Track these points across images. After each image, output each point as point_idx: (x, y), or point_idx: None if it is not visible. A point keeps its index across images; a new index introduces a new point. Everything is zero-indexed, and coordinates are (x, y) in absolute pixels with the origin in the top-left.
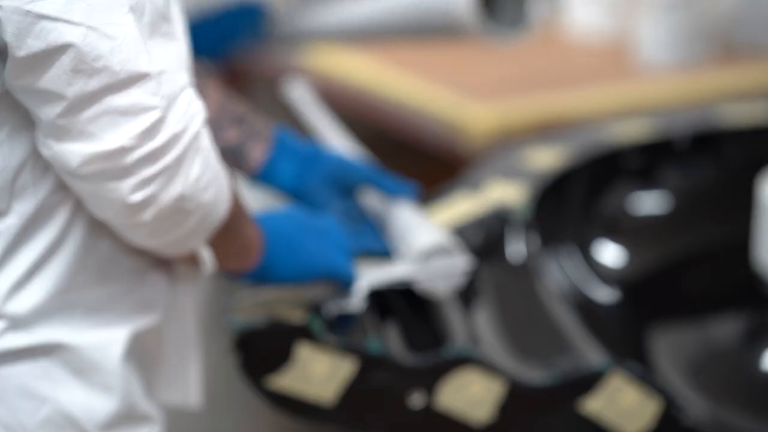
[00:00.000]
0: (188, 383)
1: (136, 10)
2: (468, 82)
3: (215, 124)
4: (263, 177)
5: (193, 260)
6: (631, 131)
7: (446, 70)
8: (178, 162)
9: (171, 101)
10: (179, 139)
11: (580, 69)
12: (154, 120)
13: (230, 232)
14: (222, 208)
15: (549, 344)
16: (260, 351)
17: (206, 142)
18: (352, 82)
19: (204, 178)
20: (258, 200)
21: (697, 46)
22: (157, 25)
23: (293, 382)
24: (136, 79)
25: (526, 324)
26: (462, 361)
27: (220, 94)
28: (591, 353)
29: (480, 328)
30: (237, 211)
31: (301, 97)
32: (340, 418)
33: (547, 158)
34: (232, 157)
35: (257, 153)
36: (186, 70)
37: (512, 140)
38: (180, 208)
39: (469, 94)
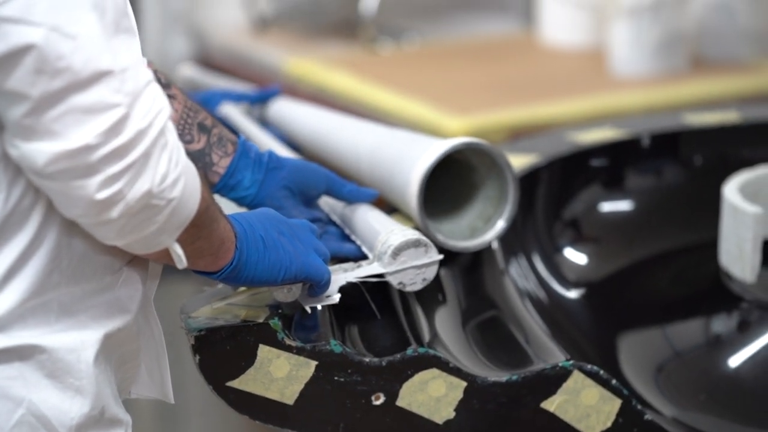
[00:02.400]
0: (164, 378)
1: (98, 9)
2: (444, 96)
3: (181, 131)
4: (226, 185)
5: (166, 258)
6: (599, 136)
7: (423, 85)
8: (145, 158)
9: (135, 98)
10: (145, 135)
11: (555, 82)
12: (118, 117)
13: (202, 229)
14: (192, 205)
15: (512, 344)
16: (220, 352)
17: (173, 137)
18: (332, 95)
19: (171, 174)
20: (226, 208)
21: (668, 58)
22: (119, 22)
23: (253, 383)
24: (98, 77)
25: (489, 324)
26: (423, 360)
27: (185, 102)
28: (554, 353)
29: (443, 327)
30: (208, 208)
31: (232, 113)
32: (301, 419)
33: (516, 163)
34: (197, 164)
35: (222, 160)
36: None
37: None
38: (148, 204)
39: (445, 108)
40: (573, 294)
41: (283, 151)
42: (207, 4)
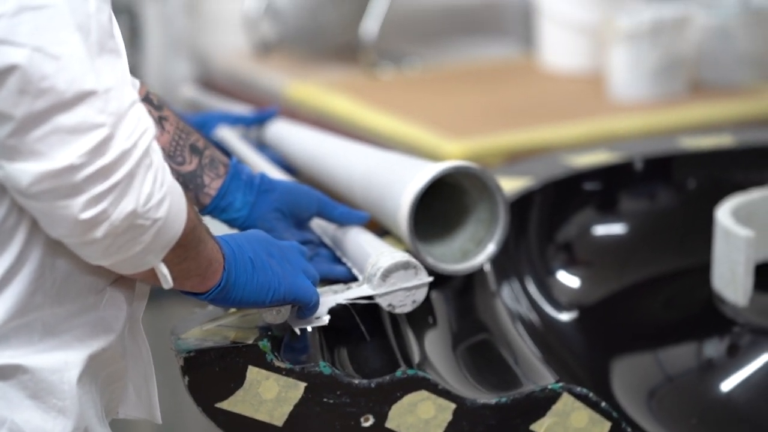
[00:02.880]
0: (151, 398)
1: (82, 29)
2: (443, 120)
3: (173, 152)
4: (218, 206)
5: (153, 278)
6: (593, 160)
7: (423, 109)
8: (129, 178)
9: (119, 118)
10: (129, 156)
11: (554, 106)
12: (102, 137)
13: (189, 250)
14: (178, 225)
15: (503, 367)
16: (209, 374)
17: (158, 158)
18: (332, 119)
19: (157, 194)
20: (216, 230)
21: (666, 82)
22: (104, 43)
23: (243, 404)
24: (82, 97)
25: (480, 346)
26: (412, 382)
27: (177, 124)
28: (544, 375)
29: (433, 350)
30: (195, 228)
31: (228, 136)
32: None
33: (510, 186)
34: (188, 185)
35: (213, 182)
36: (131, 85)
37: None
38: (133, 224)
39: (443, 132)
40: (565, 317)
41: (277, 174)
42: (209, 28)
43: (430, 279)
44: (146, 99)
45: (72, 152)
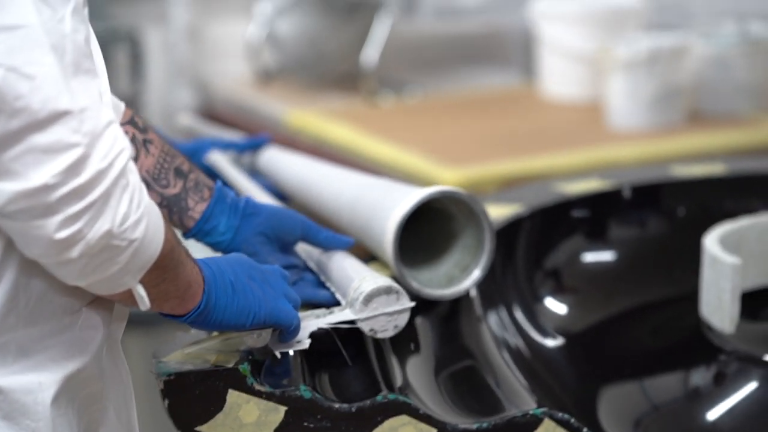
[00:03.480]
0: (131, 420)
1: (57, 50)
2: (442, 148)
3: (157, 175)
4: (202, 230)
5: (131, 299)
6: (585, 187)
7: (423, 137)
8: (105, 198)
9: (94, 138)
10: (105, 176)
11: (552, 134)
12: (77, 157)
13: (167, 271)
14: (155, 246)
15: (486, 392)
16: (189, 397)
17: (134, 178)
18: (331, 147)
19: (133, 215)
20: (199, 253)
21: (664, 112)
22: (80, 63)
23: (223, 428)
24: (57, 117)
25: (464, 372)
26: (393, 407)
27: (161, 147)
28: (527, 401)
29: (415, 375)
30: (173, 250)
31: (219, 161)
32: None
33: (499, 213)
34: (172, 208)
35: (198, 205)
36: (109, 106)
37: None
38: (108, 245)
39: (441, 159)
40: (552, 344)
41: (264, 198)
42: (211, 56)
43: (412, 304)
44: (131, 122)
45: (47, 172)
